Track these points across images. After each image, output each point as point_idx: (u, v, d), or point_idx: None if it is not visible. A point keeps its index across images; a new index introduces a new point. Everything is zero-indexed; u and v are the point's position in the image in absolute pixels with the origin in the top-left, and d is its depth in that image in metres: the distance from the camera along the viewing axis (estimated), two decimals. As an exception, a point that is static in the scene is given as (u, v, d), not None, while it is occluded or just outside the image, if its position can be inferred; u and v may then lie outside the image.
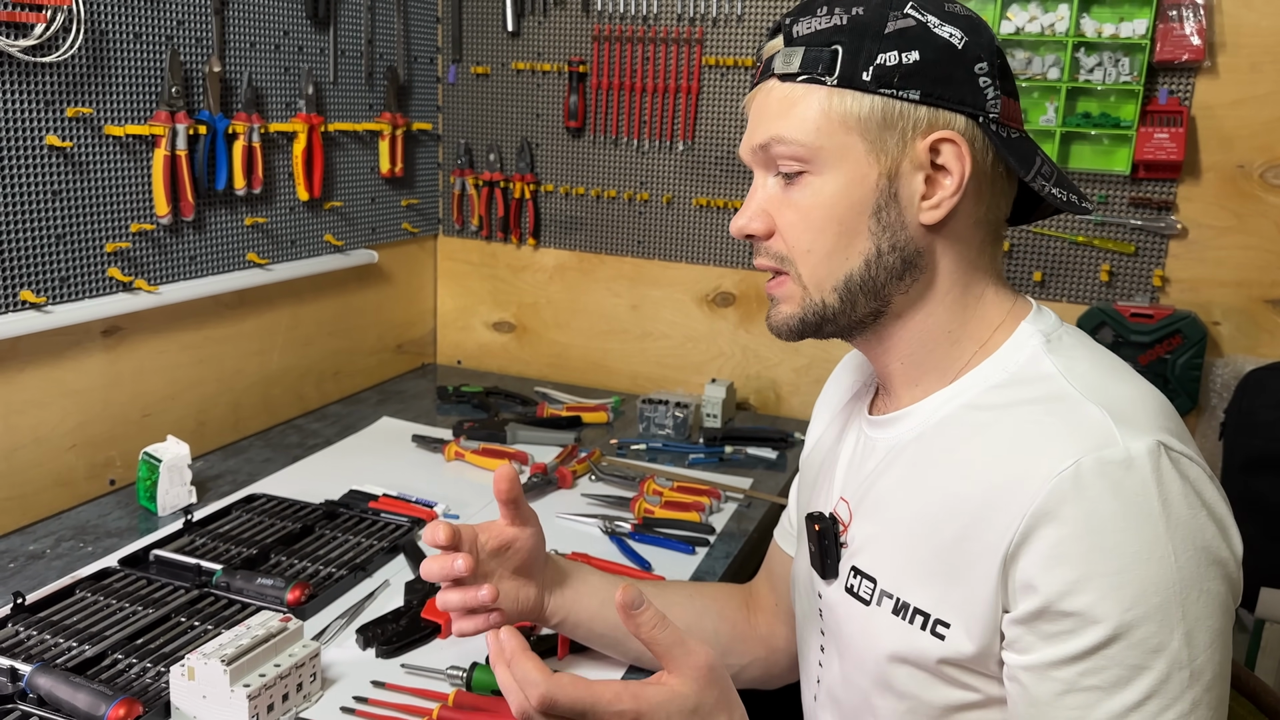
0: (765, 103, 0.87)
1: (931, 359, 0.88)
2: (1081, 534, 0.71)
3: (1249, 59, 1.70)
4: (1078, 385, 0.79)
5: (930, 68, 0.81)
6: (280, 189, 1.85)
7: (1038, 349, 0.84)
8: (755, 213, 0.88)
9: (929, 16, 0.82)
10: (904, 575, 0.84)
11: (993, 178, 0.85)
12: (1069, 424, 0.76)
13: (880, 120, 0.82)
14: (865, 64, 0.81)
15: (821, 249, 0.85)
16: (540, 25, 2.13)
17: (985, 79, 0.82)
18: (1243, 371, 1.75)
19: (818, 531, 0.92)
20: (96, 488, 1.57)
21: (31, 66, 1.38)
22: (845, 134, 0.82)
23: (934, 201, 0.83)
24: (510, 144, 2.21)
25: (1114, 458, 0.72)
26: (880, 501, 0.88)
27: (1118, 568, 0.71)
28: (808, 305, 0.87)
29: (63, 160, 1.44)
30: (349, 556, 1.36)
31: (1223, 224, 1.76)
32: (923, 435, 0.86)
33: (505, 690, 0.76)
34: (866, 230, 0.84)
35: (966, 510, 0.78)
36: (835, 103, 0.82)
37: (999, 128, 0.83)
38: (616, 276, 2.19)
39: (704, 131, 2.05)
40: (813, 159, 0.84)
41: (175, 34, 1.59)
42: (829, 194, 0.84)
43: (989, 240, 0.88)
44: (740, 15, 1.97)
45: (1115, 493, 0.71)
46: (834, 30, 0.83)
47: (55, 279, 1.46)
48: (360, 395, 2.10)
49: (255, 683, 0.99)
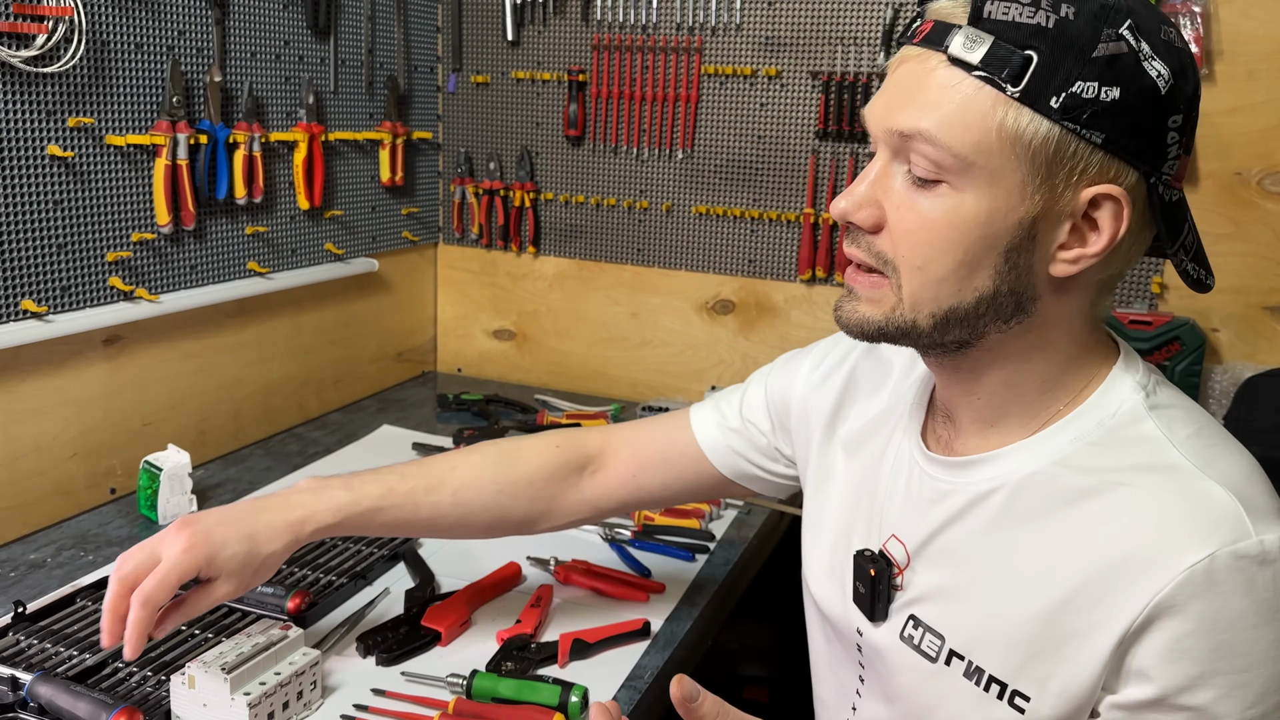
0: (922, 81, 0.74)
1: (1017, 405, 0.81)
2: (1209, 631, 0.68)
3: (1246, 66, 1.70)
4: (1189, 455, 0.74)
5: (1125, 112, 0.70)
6: (281, 198, 1.85)
7: (1137, 405, 0.77)
8: (865, 200, 0.77)
9: (1143, 44, 0.70)
10: (982, 639, 0.79)
11: (1137, 238, 0.76)
12: (1197, 508, 0.71)
13: (1052, 154, 0.71)
14: (1060, 87, 0.69)
15: (936, 272, 0.75)
16: (540, 34, 2.14)
17: (1174, 134, 0.72)
18: (1241, 378, 1.75)
19: (873, 576, 0.87)
20: (97, 497, 1.57)
21: (33, 77, 1.38)
22: (1007, 157, 0.71)
23: (1072, 256, 0.74)
24: (510, 152, 2.22)
25: (1249, 552, 0.68)
26: (951, 554, 0.82)
27: (1244, 665, 0.68)
28: (895, 318, 0.78)
29: (64, 170, 1.45)
30: (349, 564, 1.36)
31: (1221, 231, 1.76)
32: (1005, 489, 0.79)
33: None
34: (992, 267, 0.74)
35: (1068, 583, 0.74)
36: (1010, 118, 0.71)
37: (1166, 190, 0.73)
38: (616, 284, 2.20)
39: (703, 140, 2.05)
40: (960, 173, 0.72)
41: (176, 44, 1.60)
42: (965, 215, 0.73)
43: (1106, 292, 0.80)
44: (739, 24, 1.98)
45: (1248, 590, 0.68)
46: (1036, 31, 0.70)
47: (56, 288, 1.46)
48: (361, 403, 2.10)
49: (256, 691, 0.99)
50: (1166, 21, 0.74)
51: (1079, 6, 0.71)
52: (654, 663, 1.19)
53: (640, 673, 1.17)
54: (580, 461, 1.17)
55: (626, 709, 1.11)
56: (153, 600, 0.94)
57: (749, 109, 2.01)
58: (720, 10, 1.99)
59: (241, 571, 1.00)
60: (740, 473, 1.15)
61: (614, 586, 1.34)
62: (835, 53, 1.92)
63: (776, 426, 1.12)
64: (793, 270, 2.03)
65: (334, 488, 1.07)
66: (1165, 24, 0.73)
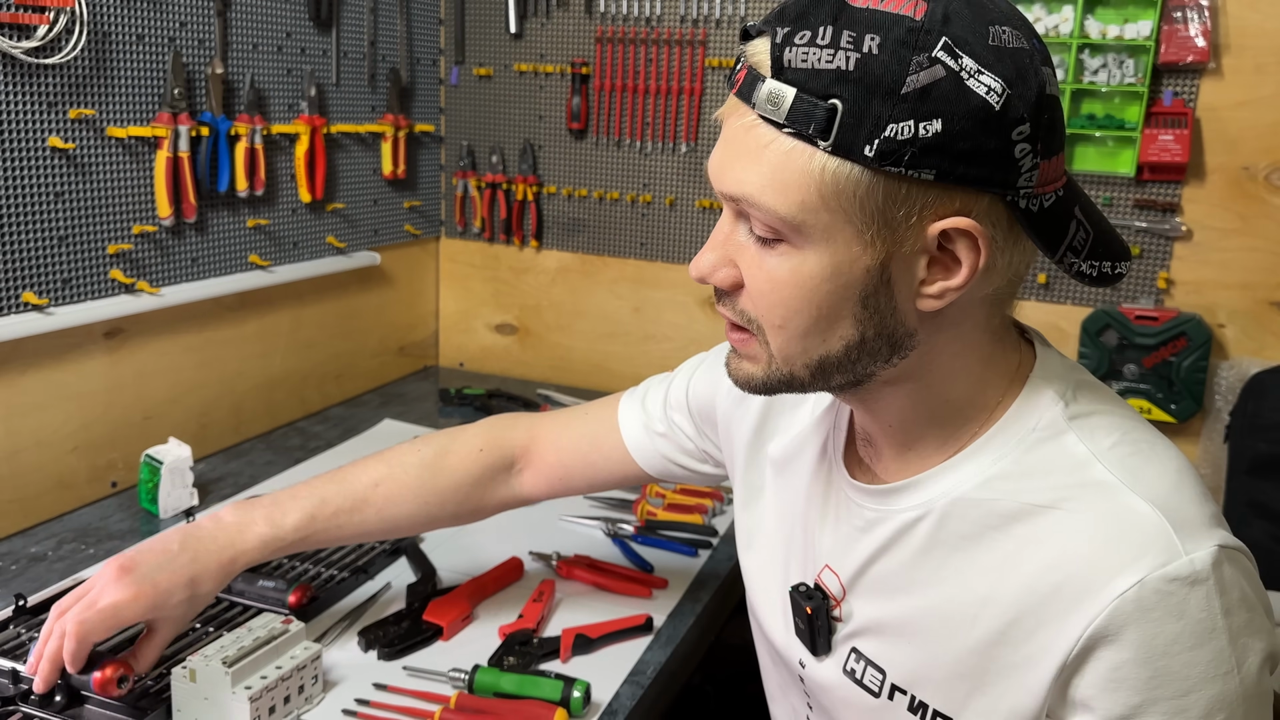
0: (741, 139, 0.70)
1: (929, 428, 0.78)
2: (1144, 659, 0.67)
3: (1254, 60, 1.69)
4: (1113, 469, 0.71)
5: (954, 140, 0.65)
6: (282, 191, 1.84)
7: (1057, 417, 0.75)
8: (720, 260, 0.75)
9: (964, 60, 0.64)
10: (921, 672, 0.78)
11: (1012, 254, 0.72)
12: (1124, 530, 0.69)
13: (881, 200, 0.67)
14: (870, 134, 0.65)
15: (796, 328, 0.73)
16: (543, 27, 2.13)
17: (1024, 145, 0.66)
18: (1248, 374, 1.74)
19: (810, 614, 0.85)
20: (98, 490, 1.57)
21: (34, 68, 1.38)
22: (834, 212, 0.68)
23: (936, 291, 0.71)
24: (513, 146, 2.21)
25: (1179, 574, 0.67)
26: (884, 584, 0.81)
27: (1184, 690, 0.67)
28: (773, 372, 0.76)
29: (65, 162, 1.44)
30: (351, 559, 1.36)
31: (1228, 226, 1.75)
32: (932, 515, 0.77)
33: None
34: (851, 315, 0.72)
35: (1003, 614, 0.72)
36: (828, 172, 0.67)
37: (1030, 201, 0.69)
38: (619, 279, 2.19)
39: (707, 133, 2.04)
40: (794, 231, 0.69)
41: (178, 35, 1.59)
42: (809, 273, 0.70)
43: (998, 304, 0.76)
44: (744, 17, 1.97)
45: (1179, 614, 0.66)
46: (837, 77, 0.65)
47: (57, 280, 1.45)
48: (362, 398, 2.10)
49: (257, 685, 0.99)
50: (1000, 18, 0.67)
51: (884, 35, 0.65)
52: (656, 658, 1.19)
53: (643, 668, 1.17)
54: (506, 462, 1.19)
55: (629, 705, 1.10)
56: (88, 634, 0.95)
57: (753, 102, 1.99)
58: (724, 3, 1.98)
59: (185, 617, 1.03)
60: (667, 473, 1.16)
61: (616, 582, 1.33)
62: (840, 46, 1.91)
63: (702, 432, 1.11)
64: (796, 265, 2.02)
65: (258, 522, 1.08)
66: (997, 22, 0.66)
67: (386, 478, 1.14)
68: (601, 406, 1.20)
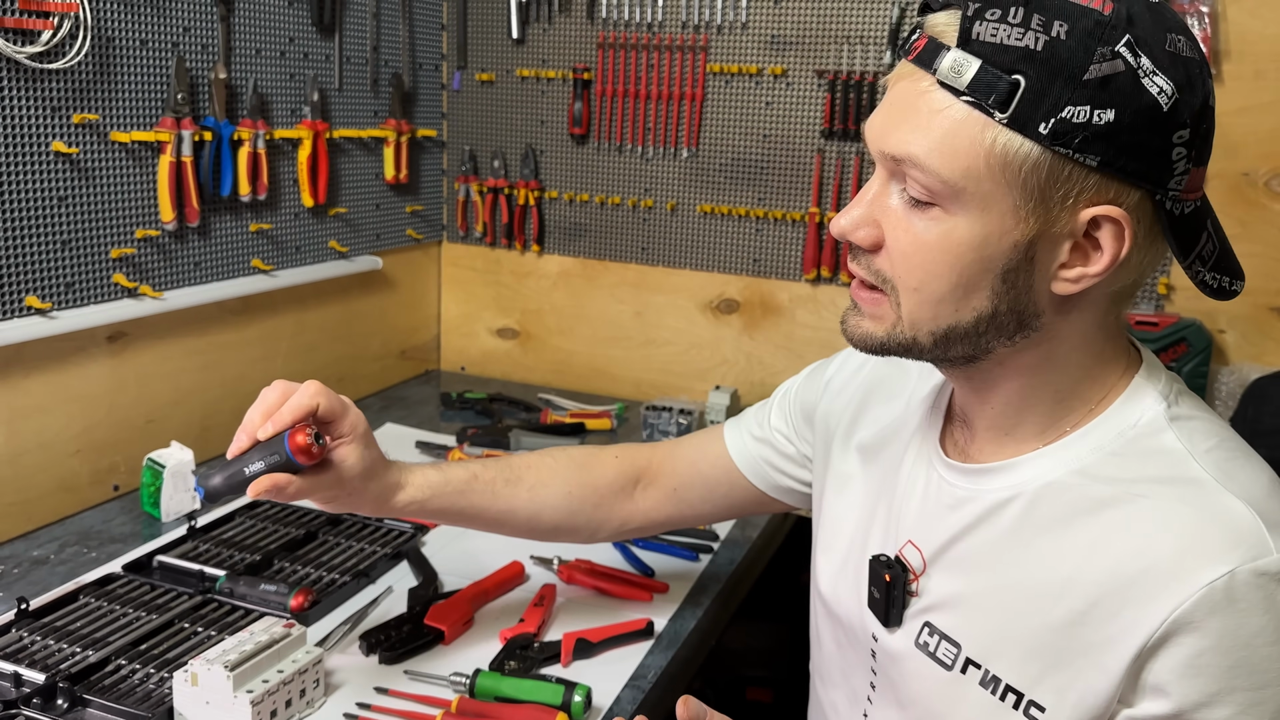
0: (913, 103, 0.73)
1: (1032, 414, 0.80)
2: (1227, 648, 0.68)
3: (1254, 66, 1.69)
4: (1209, 469, 0.73)
5: (1123, 133, 0.68)
6: (285, 195, 1.85)
7: (1158, 416, 0.77)
8: (864, 219, 0.77)
9: (1142, 59, 0.67)
10: (998, 648, 0.79)
11: (1147, 252, 0.74)
12: (1217, 523, 0.70)
13: (1044, 178, 0.69)
14: (1048, 113, 0.68)
15: (932, 292, 0.75)
16: (545, 32, 2.13)
17: (1180, 149, 0.70)
18: (1248, 379, 1.75)
19: (888, 582, 0.86)
20: (100, 493, 1.57)
21: (38, 73, 1.38)
22: (998, 183, 0.70)
23: (1074, 275, 0.73)
24: (515, 150, 2.21)
25: (1269, 569, 0.68)
26: (968, 561, 0.82)
27: (1261, 683, 0.68)
28: (895, 334, 0.78)
29: (68, 166, 1.45)
30: (352, 563, 1.36)
31: (1228, 232, 1.71)
32: (1024, 496, 0.79)
33: None
34: (989, 288, 0.74)
35: (1086, 594, 0.73)
36: (999, 144, 0.69)
37: (1175, 204, 0.72)
38: (620, 283, 2.19)
39: (708, 138, 2.05)
40: (951, 198, 0.72)
41: (181, 41, 1.59)
42: (958, 239, 0.72)
43: (1121, 302, 0.79)
44: (745, 23, 1.98)
45: (1267, 608, 0.68)
46: (1024, 55, 0.68)
47: (60, 285, 1.46)
48: (364, 401, 2.10)
49: (258, 689, 0.99)
50: (1176, 27, 0.71)
51: (1072, 23, 0.68)
52: (657, 663, 1.19)
53: (644, 672, 1.17)
54: (635, 474, 1.19)
55: (629, 709, 1.11)
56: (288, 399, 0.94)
57: (754, 108, 2.00)
58: (726, 8, 1.98)
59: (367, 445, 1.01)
60: (773, 484, 1.15)
61: (617, 586, 1.33)
62: (841, 51, 1.91)
63: (800, 435, 1.12)
64: (798, 269, 2.03)
65: (426, 467, 1.09)
66: (1174, 31, 0.70)
67: (539, 463, 1.16)
68: (711, 429, 1.22)
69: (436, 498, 1.08)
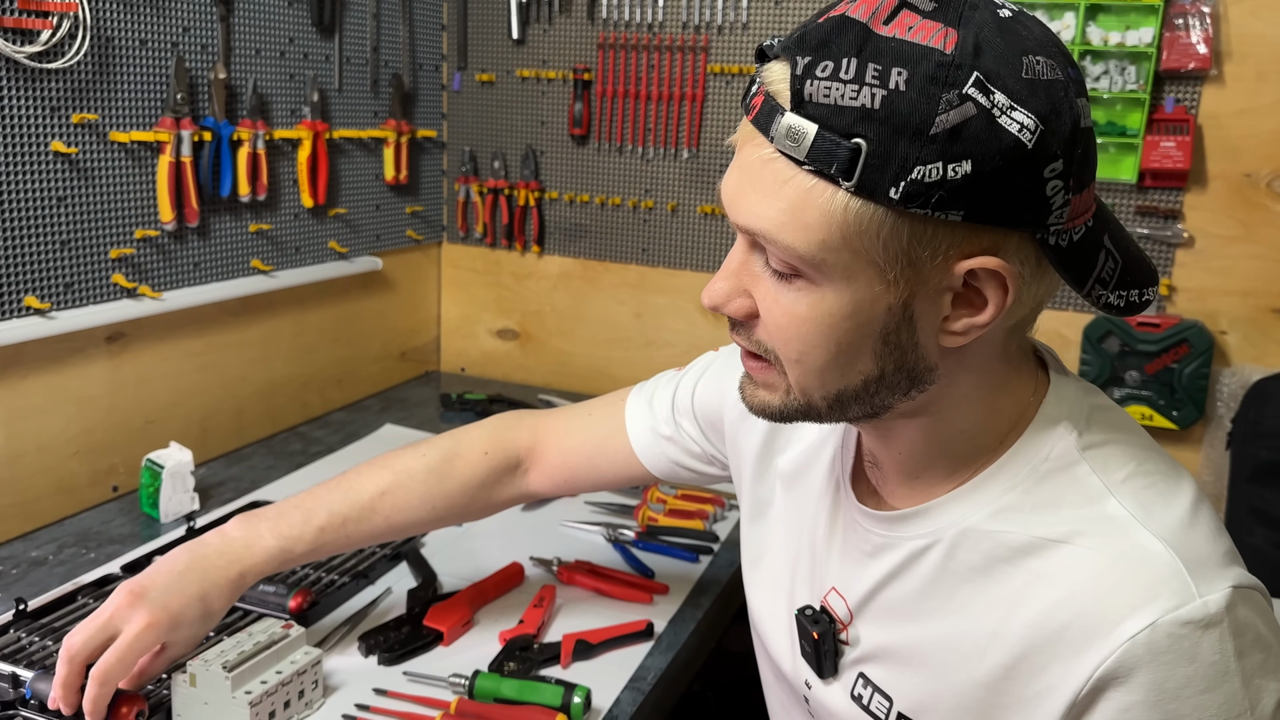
0: (758, 171, 0.68)
1: (940, 457, 0.77)
2: (1155, 702, 0.66)
3: (1256, 68, 1.69)
4: (1126, 503, 0.70)
5: (984, 181, 0.62)
6: (285, 196, 1.85)
7: (1069, 447, 0.73)
8: (734, 290, 0.73)
9: (996, 95, 0.62)
10: (928, 703, 0.77)
11: (1040, 284, 0.70)
12: (1137, 570, 0.67)
13: (904, 243, 0.65)
14: (896, 176, 0.62)
15: (814, 363, 0.71)
16: (545, 33, 2.13)
17: (1056, 183, 0.64)
18: (1250, 381, 1.74)
19: (816, 640, 0.84)
20: (99, 494, 1.57)
21: (37, 73, 1.38)
22: (856, 252, 0.65)
23: (959, 328, 0.69)
24: (515, 151, 2.21)
25: (1191, 617, 0.65)
26: (893, 611, 0.80)
27: None
28: (790, 401, 0.75)
29: (68, 166, 1.45)
30: (351, 564, 1.36)
31: (1230, 233, 1.75)
32: (941, 544, 0.76)
33: None
34: (871, 352, 0.70)
35: (1011, 649, 0.71)
36: (851, 211, 0.64)
37: (1060, 236, 0.67)
38: (621, 284, 2.19)
39: (709, 139, 2.04)
40: (813, 269, 0.67)
41: (181, 40, 1.59)
42: (828, 310, 0.68)
43: (1017, 331, 0.75)
44: (745, 23, 1.97)
45: (1192, 658, 0.65)
46: (861, 115, 0.62)
47: (59, 285, 1.46)
48: (364, 403, 2.10)
49: (257, 689, 0.99)
50: (1033, 47, 0.64)
51: (911, 70, 0.62)
52: (657, 664, 1.19)
53: (643, 674, 1.17)
54: (511, 463, 1.19)
55: (629, 711, 1.10)
56: (112, 678, 0.95)
57: (755, 109, 2.00)
58: (726, 9, 1.98)
59: (197, 636, 1.03)
60: (672, 475, 1.16)
61: (617, 587, 1.33)
62: (842, 52, 1.91)
63: (708, 438, 1.11)
64: (798, 271, 2.02)
65: (265, 536, 1.07)
66: (1030, 52, 0.63)
67: (393, 486, 1.13)
68: (607, 405, 1.19)
69: (282, 567, 1.09)
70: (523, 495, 1.21)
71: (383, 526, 1.13)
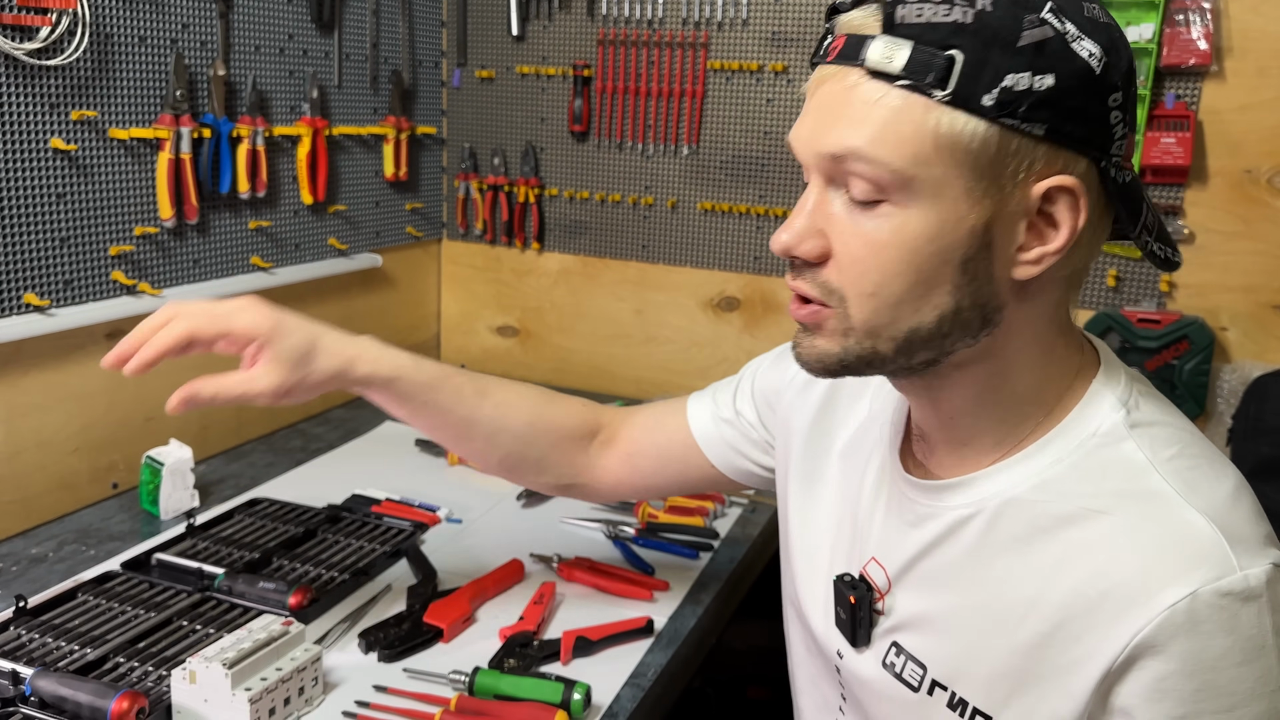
0: (845, 99, 0.70)
1: (988, 421, 0.78)
2: (1191, 672, 0.66)
3: (1256, 63, 1.69)
4: (1171, 480, 0.71)
5: (1063, 97, 0.67)
6: (284, 193, 1.84)
7: (1118, 424, 0.74)
8: (807, 231, 0.73)
9: (1068, 25, 0.67)
10: (963, 670, 0.77)
11: (1097, 228, 0.73)
12: (1179, 541, 0.68)
13: (994, 154, 0.67)
14: (990, 83, 0.66)
15: (891, 294, 0.71)
16: (545, 29, 2.13)
17: (1117, 113, 0.69)
18: (1250, 377, 1.74)
19: (853, 604, 0.85)
20: (99, 491, 1.57)
21: (36, 69, 1.38)
22: (947, 165, 0.67)
23: (1033, 256, 0.71)
24: (515, 148, 2.21)
25: (1232, 589, 0.66)
26: (932, 580, 0.80)
27: (1228, 705, 0.67)
28: (853, 348, 0.74)
29: (67, 163, 1.44)
30: (351, 560, 1.36)
31: (1230, 229, 1.75)
32: (985, 514, 0.77)
33: None
34: (950, 282, 0.70)
35: (1050, 616, 0.72)
36: (944, 124, 0.67)
37: (1118, 172, 0.70)
38: (621, 281, 2.19)
39: (709, 136, 2.04)
40: (900, 189, 0.69)
41: (180, 37, 1.59)
42: (913, 233, 0.69)
43: (1071, 290, 0.76)
44: (745, 19, 1.97)
45: (1230, 629, 0.66)
46: (954, 29, 0.66)
47: (59, 282, 1.46)
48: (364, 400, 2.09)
49: (257, 686, 0.99)
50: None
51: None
52: (657, 661, 1.19)
53: (643, 671, 1.17)
54: (594, 428, 1.18)
55: (629, 707, 1.10)
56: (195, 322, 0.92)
57: (755, 104, 2.00)
58: (726, 5, 1.98)
59: (292, 365, 1.01)
60: (732, 466, 1.14)
61: (617, 584, 1.33)
62: (842, 48, 1.91)
63: (765, 421, 1.10)
64: (798, 267, 2.02)
65: (399, 351, 1.08)
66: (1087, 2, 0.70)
67: (508, 385, 1.15)
68: (674, 400, 1.20)
69: (402, 380, 1.06)
70: (594, 469, 1.18)
71: (489, 412, 1.11)
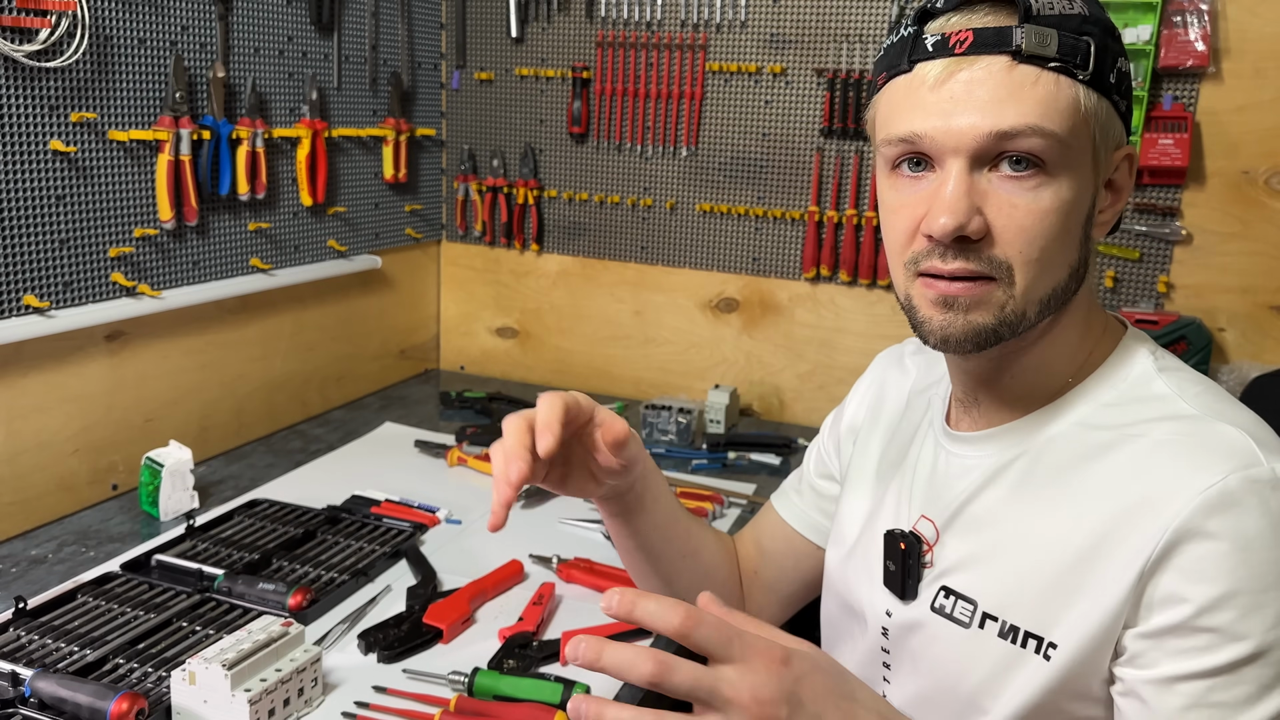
0: (1001, 81, 0.75)
1: (1039, 376, 0.85)
2: (1230, 550, 0.70)
3: (1253, 65, 1.69)
4: (1198, 407, 0.78)
5: (1129, 77, 0.81)
6: (284, 194, 1.85)
7: (1148, 368, 0.82)
8: (970, 210, 0.76)
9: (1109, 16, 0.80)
10: (1013, 597, 0.81)
11: None
12: (1208, 442, 0.74)
13: (1103, 127, 0.78)
14: (1113, 65, 0.77)
15: (1049, 259, 0.78)
16: (544, 31, 2.13)
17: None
18: (1248, 378, 1.74)
19: (903, 551, 0.89)
20: (99, 492, 1.57)
21: (36, 71, 1.38)
22: (1084, 136, 0.77)
23: (1106, 217, 0.82)
24: (514, 149, 2.21)
25: (1261, 477, 0.71)
26: (979, 521, 0.85)
27: (1263, 586, 0.69)
28: (1007, 316, 0.78)
29: (66, 165, 1.45)
30: (351, 561, 1.36)
31: (1228, 230, 1.75)
32: (1029, 454, 0.83)
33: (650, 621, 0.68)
34: (1077, 241, 0.79)
35: (1094, 530, 0.76)
36: (1088, 101, 0.76)
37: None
38: (620, 282, 2.19)
39: (708, 137, 2.04)
40: (1056, 159, 0.76)
41: (179, 39, 1.59)
42: (1065, 199, 0.77)
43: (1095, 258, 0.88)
44: (744, 22, 1.97)
45: (1264, 510, 0.70)
46: (1082, 19, 0.76)
47: (59, 284, 1.46)
48: (363, 401, 2.10)
49: (256, 687, 0.99)
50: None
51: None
52: (656, 661, 1.19)
53: (643, 671, 1.16)
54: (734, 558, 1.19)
55: (629, 707, 1.10)
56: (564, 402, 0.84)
57: (754, 106, 2.00)
58: (725, 7, 1.98)
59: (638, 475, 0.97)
60: (814, 526, 1.14)
61: (617, 584, 1.33)
62: (840, 50, 1.91)
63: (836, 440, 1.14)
64: (797, 268, 2.03)
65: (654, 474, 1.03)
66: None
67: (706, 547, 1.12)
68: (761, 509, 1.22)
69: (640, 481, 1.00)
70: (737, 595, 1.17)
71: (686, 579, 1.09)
